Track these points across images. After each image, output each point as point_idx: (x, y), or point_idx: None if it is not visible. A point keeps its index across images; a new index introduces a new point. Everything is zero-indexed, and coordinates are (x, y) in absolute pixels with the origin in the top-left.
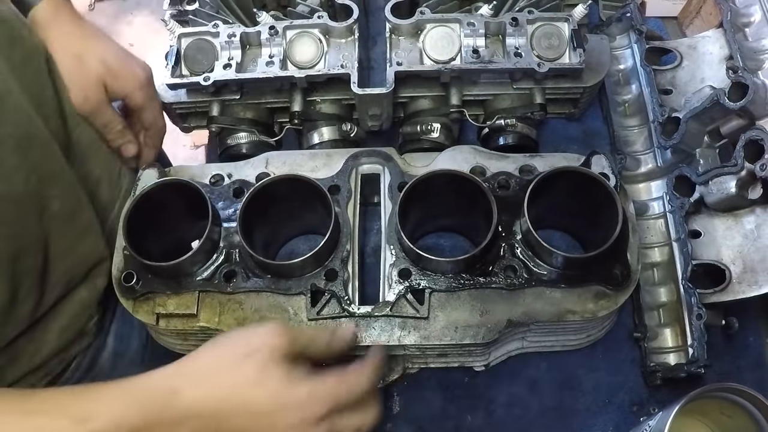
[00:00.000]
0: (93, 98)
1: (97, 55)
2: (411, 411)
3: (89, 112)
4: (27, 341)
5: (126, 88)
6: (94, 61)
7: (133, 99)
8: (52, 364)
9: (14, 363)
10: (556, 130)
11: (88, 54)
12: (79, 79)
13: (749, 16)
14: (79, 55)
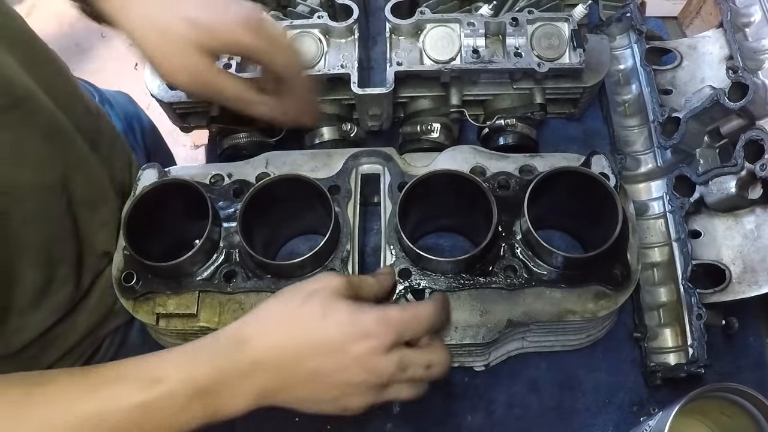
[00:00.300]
0: (188, 70)
1: (180, 16)
2: (411, 411)
3: (193, 87)
4: (60, 325)
5: (229, 37)
6: (178, 26)
7: (243, 45)
8: (85, 345)
9: (49, 347)
10: (556, 130)
11: (170, 21)
12: (166, 56)
13: (749, 16)
14: (158, 21)
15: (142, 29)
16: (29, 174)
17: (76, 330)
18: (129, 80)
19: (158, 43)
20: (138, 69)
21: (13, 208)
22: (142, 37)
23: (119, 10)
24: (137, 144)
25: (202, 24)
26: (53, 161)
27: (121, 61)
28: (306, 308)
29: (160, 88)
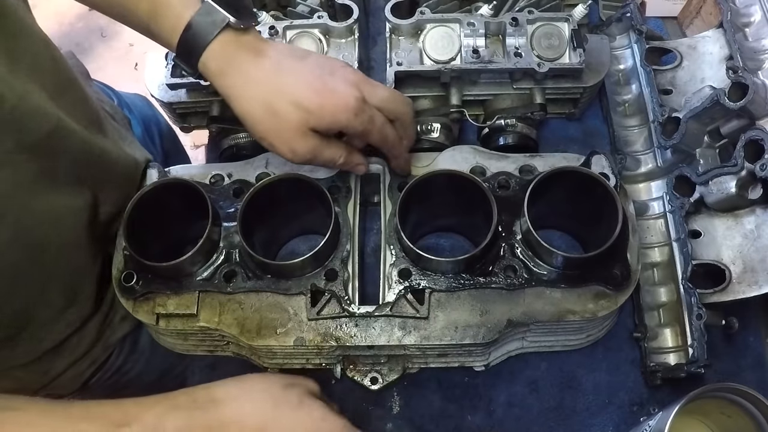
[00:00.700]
0: (301, 150)
1: (289, 98)
2: (411, 411)
3: (302, 162)
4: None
5: (337, 123)
6: (288, 108)
7: (352, 128)
8: (96, 351)
9: (62, 354)
10: (556, 130)
11: (279, 100)
12: (278, 133)
13: (749, 16)
14: (268, 105)
15: (254, 111)
16: (66, 200)
17: (88, 337)
18: (129, 80)
19: (271, 125)
20: (138, 69)
21: (52, 238)
22: (255, 118)
23: (230, 89)
24: (155, 148)
25: (311, 110)
26: (83, 184)
27: (121, 61)
28: (285, 395)
29: (160, 89)
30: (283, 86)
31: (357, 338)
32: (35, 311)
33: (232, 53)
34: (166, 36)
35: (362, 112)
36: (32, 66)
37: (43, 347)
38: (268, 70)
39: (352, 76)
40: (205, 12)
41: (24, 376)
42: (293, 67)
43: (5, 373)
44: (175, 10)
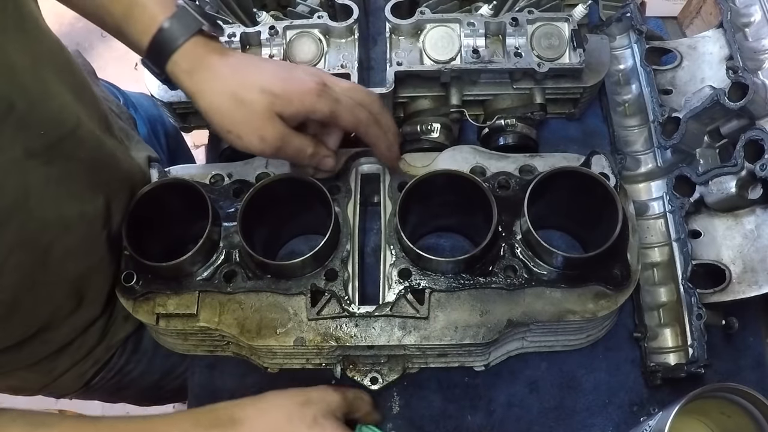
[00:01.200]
0: (270, 137)
1: (255, 85)
2: (411, 411)
3: (272, 152)
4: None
5: (303, 106)
6: (255, 95)
7: (319, 112)
8: (99, 352)
9: (65, 354)
10: (556, 130)
11: (245, 89)
12: (246, 122)
13: (749, 16)
14: (235, 95)
15: (221, 103)
16: (76, 206)
17: (92, 338)
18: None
19: (238, 115)
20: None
21: (57, 242)
22: (222, 110)
23: (198, 85)
24: (161, 148)
25: (279, 94)
26: (99, 192)
27: (121, 61)
28: (301, 413)
29: (160, 88)
30: (250, 77)
31: (357, 338)
32: (42, 315)
33: (201, 53)
34: (137, 37)
35: (326, 93)
36: (55, 68)
37: (48, 349)
38: (234, 66)
39: (313, 69)
40: (180, 15)
41: (27, 375)
42: (258, 63)
43: (10, 373)
44: (150, 11)
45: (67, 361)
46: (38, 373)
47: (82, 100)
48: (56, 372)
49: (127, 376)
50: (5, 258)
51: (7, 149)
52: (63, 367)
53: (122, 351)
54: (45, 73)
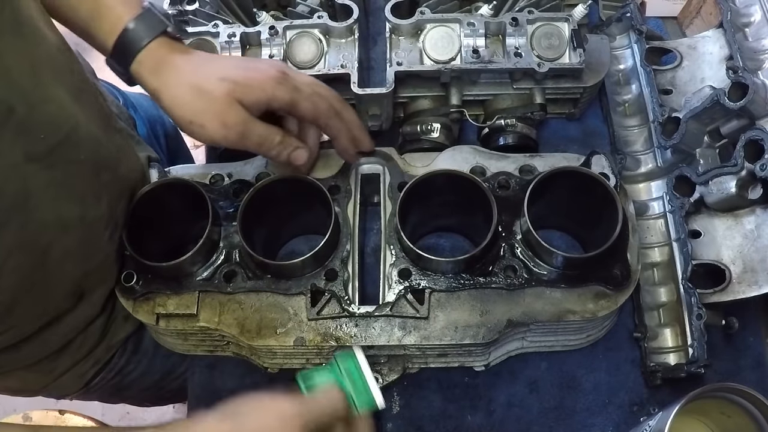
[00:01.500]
0: (232, 122)
1: (215, 75)
2: (411, 411)
3: (236, 139)
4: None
5: (263, 93)
6: (214, 84)
7: (278, 99)
8: (99, 352)
9: (65, 354)
10: (556, 130)
11: (205, 79)
12: (207, 110)
13: (749, 16)
14: (195, 85)
15: (182, 95)
16: (77, 209)
17: (92, 338)
18: None
19: (199, 104)
20: None
21: (55, 244)
22: (184, 101)
23: (160, 82)
24: (160, 148)
25: (239, 81)
26: (100, 194)
27: None
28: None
29: None
30: (210, 69)
31: (357, 338)
32: (40, 315)
33: (165, 53)
34: (103, 37)
35: (285, 81)
36: (53, 71)
37: (48, 349)
38: (195, 62)
39: (274, 61)
40: (146, 16)
41: (28, 376)
42: (219, 58)
43: (9, 373)
44: (116, 11)
45: (67, 361)
46: (38, 374)
47: (81, 101)
48: (56, 372)
49: (128, 376)
50: (4, 260)
51: (8, 153)
52: (63, 367)
53: (122, 351)
54: (43, 76)
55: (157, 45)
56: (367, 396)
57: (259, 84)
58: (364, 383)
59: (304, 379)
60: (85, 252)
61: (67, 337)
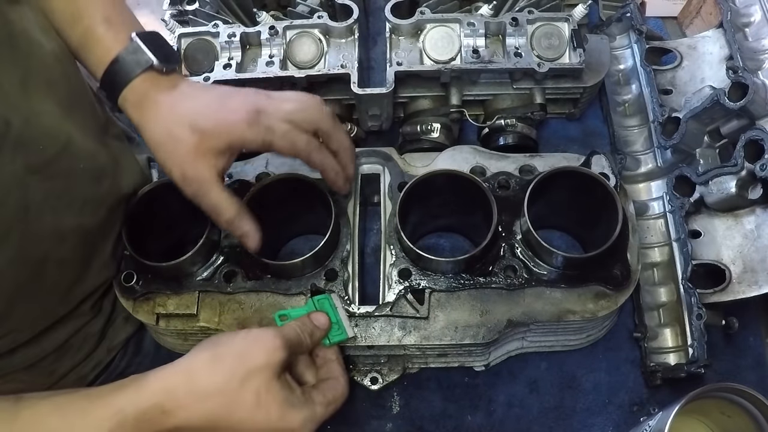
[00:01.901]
0: (190, 178)
1: (187, 121)
2: (411, 411)
3: (190, 195)
4: (75, 336)
5: (233, 138)
6: (185, 131)
7: (250, 142)
8: (100, 353)
9: (65, 356)
10: (556, 130)
11: (178, 125)
12: (173, 158)
13: (749, 16)
14: (169, 131)
15: (157, 137)
16: (75, 218)
17: (91, 339)
18: None
19: (169, 149)
20: None
21: (53, 252)
22: (158, 143)
23: (141, 119)
24: None
25: (207, 130)
26: (100, 201)
27: None
28: (241, 392)
29: None
30: (183, 111)
31: (357, 338)
32: (38, 320)
33: (148, 88)
34: (92, 67)
35: (256, 123)
36: (46, 83)
37: (43, 351)
38: (174, 99)
39: (252, 96)
40: (132, 50)
41: (28, 378)
42: (197, 95)
43: (10, 376)
44: (104, 44)
45: (67, 363)
46: (39, 376)
47: (76, 111)
48: (57, 374)
49: None
50: (4, 269)
51: (8, 165)
52: (63, 369)
53: (123, 353)
54: (33, 88)
55: (141, 81)
56: (339, 329)
57: (229, 129)
58: (336, 317)
59: (280, 316)
60: (82, 259)
61: (60, 340)
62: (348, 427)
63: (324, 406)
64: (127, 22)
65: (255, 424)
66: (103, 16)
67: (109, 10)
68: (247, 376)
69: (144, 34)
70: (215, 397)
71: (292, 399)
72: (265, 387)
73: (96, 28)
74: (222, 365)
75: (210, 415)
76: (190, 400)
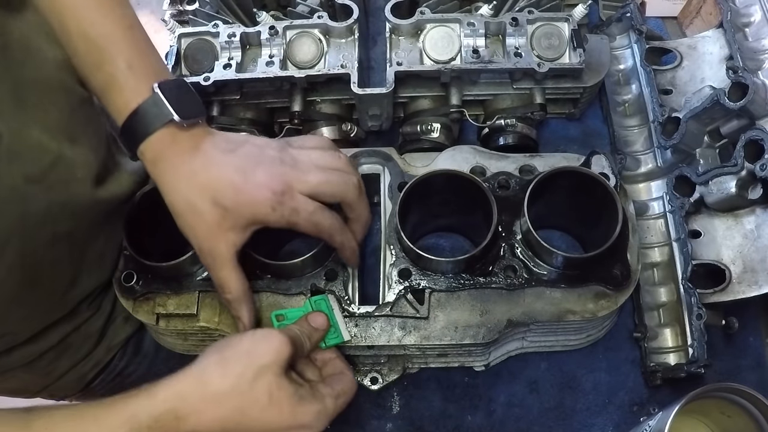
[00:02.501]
0: (206, 252)
1: (208, 195)
2: (411, 411)
3: (205, 264)
4: (75, 334)
5: (255, 218)
6: (207, 206)
7: (273, 223)
8: (99, 353)
9: (63, 355)
10: (556, 130)
11: (199, 197)
12: (193, 230)
13: (749, 16)
14: (190, 202)
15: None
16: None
17: (90, 339)
18: None
19: (190, 221)
20: None
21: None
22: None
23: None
24: None
25: (230, 208)
26: (99, 207)
27: None
28: (252, 392)
29: None
30: (205, 182)
31: (357, 338)
32: (32, 323)
33: (167, 146)
34: (113, 114)
35: (280, 205)
36: (43, 91)
37: (41, 349)
38: (196, 166)
39: (278, 167)
40: (152, 103)
41: (26, 377)
42: (221, 161)
43: (8, 374)
44: (125, 94)
45: (66, 362)
46: (37, 374)
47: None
48: (56, 373)
49: (128, 378)
50: (3, 278)
51: (5, 176)
52: (62, 368)
53: (123, 353)
54: (27, 98)
55: (161, 136)
56: (335, 331)
57: (253, 210)
58: (333, 320)
59: (276, 315)
60: (77, 261)
61: (64, 338)
62: (348, 427)
63: (333, 399)
64: (152, 69)
65: (268, 424)
66: (126, 63)
67: (133, 55)
68: (257, 374)
69: (167, 83)
70: (227, 399)
71: (302, 393)
72: (276, 384)
73: (118, 75)
74: (231, 366)
75: (223, 418)
76: (203, 405)
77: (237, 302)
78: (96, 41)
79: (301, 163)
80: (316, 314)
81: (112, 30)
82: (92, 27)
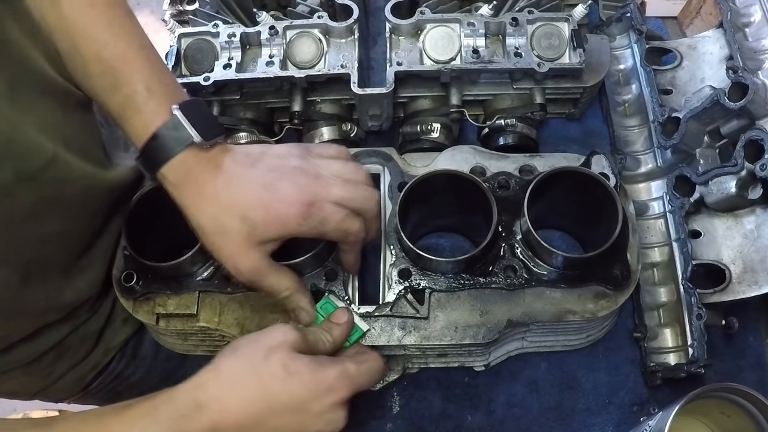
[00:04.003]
0: (243, 268)
1: (236, 211)
2: (411, 411)
3: (246, 281)
4: (73, 335)
5: (284, 231)
6: (235, 222)
7: (302, 234)
8: (97, 355)
9: (62, 357)
10: (556, 130)
11: (227, 214)
12: (223, 249)
13: (749, 16)
14: (217, 219)
15: (204, 224)
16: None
17: (88, 341)
18: None
19: (218, 239)
20: None
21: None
22: (205, 231)
23: (184, 201)
24: None
25: (258, 223)
26: (93, 208)
27: None
28: (267, 368)
29: None
30: (231, 200)
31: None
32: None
33: (190, 168)
34: (131, 138)
35: (310, 216)
36: (38, 89)
37: (38, 349)
38: (220, 185)
39: (302, 178)
40: (172, 126)
41: (25, 378)
42: (243, 177)
43: (7, 375)
44: (144, 117)
45: (64, 364)
46: (36, 376)
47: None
48: (54, 375)
49: (127, 380)
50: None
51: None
52: (60, 370)
53: (121, 355)
54: (22, 96)
55: (182, 158)
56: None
57: (282, 223)
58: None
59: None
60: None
61: (62, 339)
62: (348, 427)
63: (356, 364)
64: (169, 90)
65: (292, 396)
66: (144, 84)
67: (150, 76)
68: (267, 353)
69: (186, 104)
70: (244, 380)
71: (320, 359)
72: (288, 357)
73: (136, 98)
74: (241, 351)
75: (246, 400)
76: (221, 390)
77: (295, 295)
78: (110, 63)
79: (324, 174)
80: (338, 312)
81: (125, 51)
82: (105, 48)
